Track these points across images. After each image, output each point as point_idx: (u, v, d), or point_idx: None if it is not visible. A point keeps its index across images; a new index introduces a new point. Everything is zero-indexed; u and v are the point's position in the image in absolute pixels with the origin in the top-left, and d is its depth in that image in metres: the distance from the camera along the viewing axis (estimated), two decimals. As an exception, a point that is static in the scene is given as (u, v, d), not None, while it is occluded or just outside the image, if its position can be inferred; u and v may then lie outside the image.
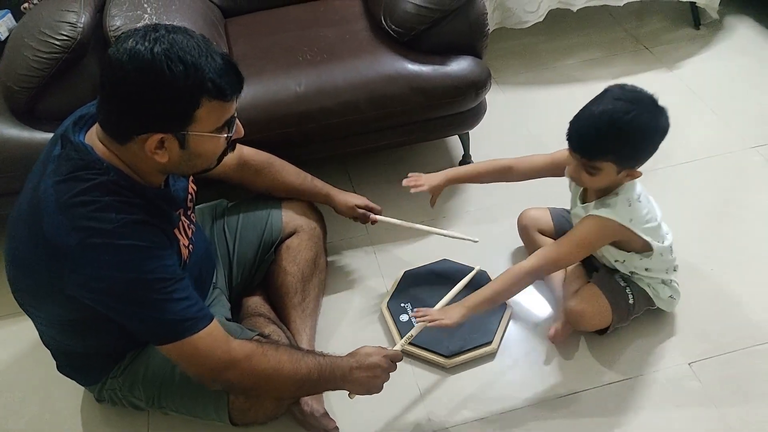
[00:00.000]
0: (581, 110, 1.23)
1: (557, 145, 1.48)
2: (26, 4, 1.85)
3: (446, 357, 1.45)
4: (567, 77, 2.30)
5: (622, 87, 1.22)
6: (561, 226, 1.58)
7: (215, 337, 1.06)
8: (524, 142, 2.05)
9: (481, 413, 1.37)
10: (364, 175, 1.97)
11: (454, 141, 2.03)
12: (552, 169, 1.47)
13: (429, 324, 1.30)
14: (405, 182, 1.55)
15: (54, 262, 0.99)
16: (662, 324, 1.50)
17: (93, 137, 1.03)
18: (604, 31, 2.50)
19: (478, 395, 1.41)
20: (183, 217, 1.20)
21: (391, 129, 1.75)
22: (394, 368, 1.23)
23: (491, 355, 1.47)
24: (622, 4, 2.31)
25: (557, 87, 2.26)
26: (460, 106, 1.73)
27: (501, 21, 2.30)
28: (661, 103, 1.20)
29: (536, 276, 1.34)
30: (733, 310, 1.52)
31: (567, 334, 1.47)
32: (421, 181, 1.54)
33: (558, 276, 1.56)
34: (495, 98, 2.17)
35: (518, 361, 1.46)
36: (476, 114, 1.81)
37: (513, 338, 1.51)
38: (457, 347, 1.45)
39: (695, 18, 2.46)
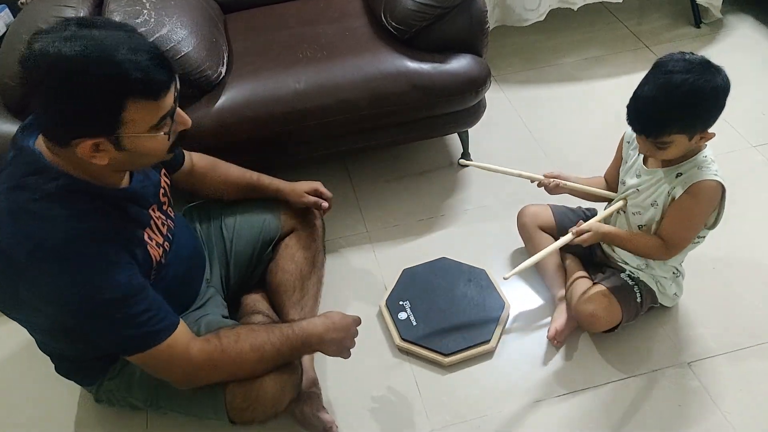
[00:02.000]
0: (635, 91, 1.21)
1: (556, 143, 1.49)
2: None
3: (445, 355, 1.44)
4: (567, 75, 2.30)
5: (672, 58, 1.19)
6: (563, 223, 1.58)
7: (175, 348, 1.04)
8: (524, 140, 2.04)
9: (480, 412, 1.37)
10: (363, 173, 1.97)
11: (454, 139, 2.02)
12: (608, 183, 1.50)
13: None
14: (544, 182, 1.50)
15: (9, 274, 0.96)
16: (662, 323, 1.50)
17: (41, 142, 0.98)
18: (604, 30, 2.50)
19: (477, 394, 1.40)
20: (158, 212, 1.17)
21: (390, 127, 1.74)
22: (356, 333, 1.26)
23: (489, 354, 1.47)
24: (621, 0, 2.30)
25: (557, 85, 2.25)
26: (459, 104, 1.73)
27: (501, 19, 2.29)
28: (715, 62, 1.19)
29: (665, 259, 1.36)
30: (734, 309, 1.52)
31: (566, 334, 1.47)
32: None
33: (557, 275, 1.55)
34: (495, 96, 2.17)
35: (516, 360, 1.46)
36: (476, 112, 1.81)
37: (511, 337, 1.50)
38: (455, 345, 1.45)
39: (696, 17, 2.45)
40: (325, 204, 1.49)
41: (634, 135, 1.28)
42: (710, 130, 1.22)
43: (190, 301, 1.32)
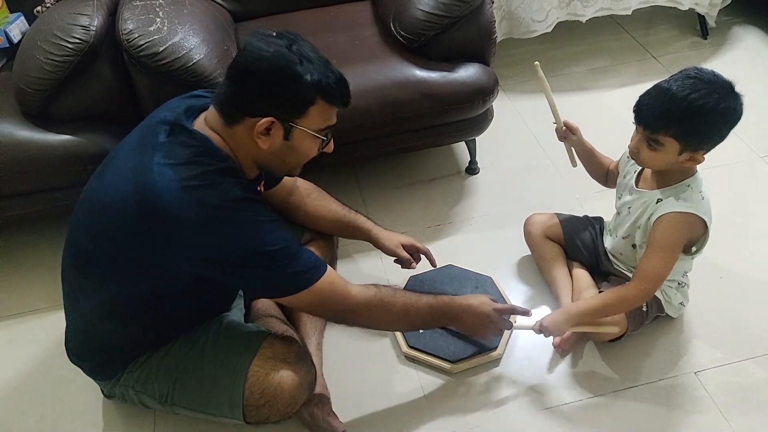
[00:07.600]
0: (654, 85, 1.23)
1: (563, 152, 1.49)
2: (39, 8, 1.87)
3: (451, 362, 1.45)
4: (574, 85, 2.31)
5: (699, 69, 1.20)
6: (570, 232, 1.59)
7: (335, 284, 1.16)
8: (531, 149, 2.06)
9: (486, 419, 1.37)
10: (371, 180, 1.98)
11: (461, 147, 2.04)
12: (609, 174, 1.53)
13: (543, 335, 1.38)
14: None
15: (170, 236, 1.04)
16: (668, 332, 1.50)
17: (203, 126, 1.10)
18: (611, 40, 2.51)
19: (483, 401, 1.41)
20: None
21: (399, 134, 1.76)
22: (503, 325, 1.35)
23: (496, 361, 1.47)
24: (630, 13, 2.32)
25: (564, 95, 2.26)
26: (467, 112, 1.74)
27: (509, 31, 2.31)
28: (722, 73, 1.19)
29: (646, 297, 1.34)
30: (741, 319, 1.52)
31: (572, 343, 1.47)
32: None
33: (564, 284, 1.56)
34: (502, 105, 2.18)
35: (523, 368, 1.47)
36: (483, 120, 1.82)
37: (518, 345, 1.51)
38: (462, 353, 1.46)
39: (703, 28, 2.46)
40: (415, 265, 1.53)
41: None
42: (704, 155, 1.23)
43: (227, 306, 1.37)
